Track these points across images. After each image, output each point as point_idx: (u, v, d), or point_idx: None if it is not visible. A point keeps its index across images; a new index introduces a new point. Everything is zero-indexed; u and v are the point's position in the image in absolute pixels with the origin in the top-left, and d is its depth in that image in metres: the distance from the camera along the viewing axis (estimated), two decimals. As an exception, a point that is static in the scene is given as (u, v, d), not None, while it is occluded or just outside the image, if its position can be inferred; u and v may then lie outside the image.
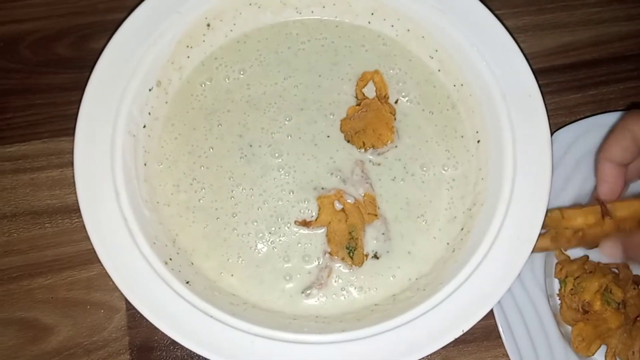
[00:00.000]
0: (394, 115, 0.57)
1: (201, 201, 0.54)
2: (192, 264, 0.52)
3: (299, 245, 0.53)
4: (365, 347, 0.47)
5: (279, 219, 0.54)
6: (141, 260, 0.48)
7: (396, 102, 0.58)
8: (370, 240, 0.53)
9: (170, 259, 0.50)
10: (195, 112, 0.57)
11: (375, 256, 0.53)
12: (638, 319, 0.54)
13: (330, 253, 0.52)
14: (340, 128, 0.56)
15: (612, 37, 0.67)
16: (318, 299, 0.52)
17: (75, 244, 0.57)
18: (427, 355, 0.46)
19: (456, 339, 0.46)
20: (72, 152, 0.49)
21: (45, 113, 0.62)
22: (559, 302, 0.57)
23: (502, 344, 0.53)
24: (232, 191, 0.54)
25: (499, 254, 0.49)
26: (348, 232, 0.52)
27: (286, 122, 0.56)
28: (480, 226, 0.51)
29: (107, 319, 0.56)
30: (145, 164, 0.54)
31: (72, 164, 0.49)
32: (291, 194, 0.54)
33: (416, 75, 0.59)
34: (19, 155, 0.60)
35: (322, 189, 0.54)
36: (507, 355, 0.53)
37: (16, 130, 0.61)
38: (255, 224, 0.54)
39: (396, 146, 0.56)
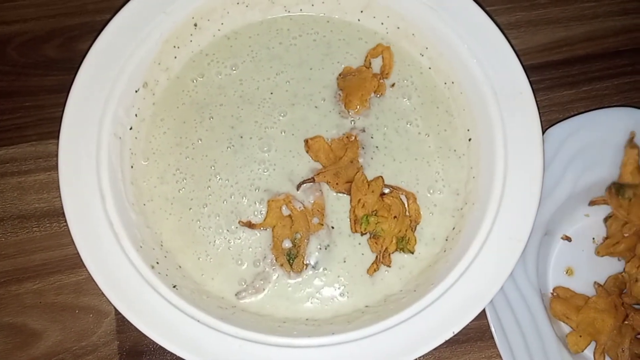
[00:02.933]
0: (380, 93, 0.56)
1: (180, 192, 0.54)
2: (180, 267, 0.51)
3: (250, 249, 0.52)
4: (355, 349, 0.46)
5: (237, 217, 0.53)
6: (127, 264, 0.47)
7: (392, 85, 0.57)
8: (314, 250, 0.52)
9: (157, 263, 0.49)
10: (186, 107, 0.56)
11: (314, 267, 0.52)
12: (628, 317, 0.54)
13: (274, 258, 0.52)
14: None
15: (606, 32, 0.66)
16: (311, 302, 0.51)
17: (64, 247, 0.57)
18: (419, 357, 0.46)
19: (449, 340, 0.46)
20: (58, 156, 0.49)
21: (33, 116, 0.61)
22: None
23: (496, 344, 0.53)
24: (209, 180, 0.54)
25: (490, 253, 0.48)
26: (291, 239, 0.51)
27: (281, 118, 0.56)
28: (471, 225, 0.50)
29: (96, 324, 0.55)
30: (132, 167, 0.53)
31: (58, 167, 0.49)
32: (257, 191, 0.54)
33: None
34: (7, 159, 0.59)
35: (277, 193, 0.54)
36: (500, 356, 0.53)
37: (4, 133, 0.60)
38: (217, 218, 0.53)
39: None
